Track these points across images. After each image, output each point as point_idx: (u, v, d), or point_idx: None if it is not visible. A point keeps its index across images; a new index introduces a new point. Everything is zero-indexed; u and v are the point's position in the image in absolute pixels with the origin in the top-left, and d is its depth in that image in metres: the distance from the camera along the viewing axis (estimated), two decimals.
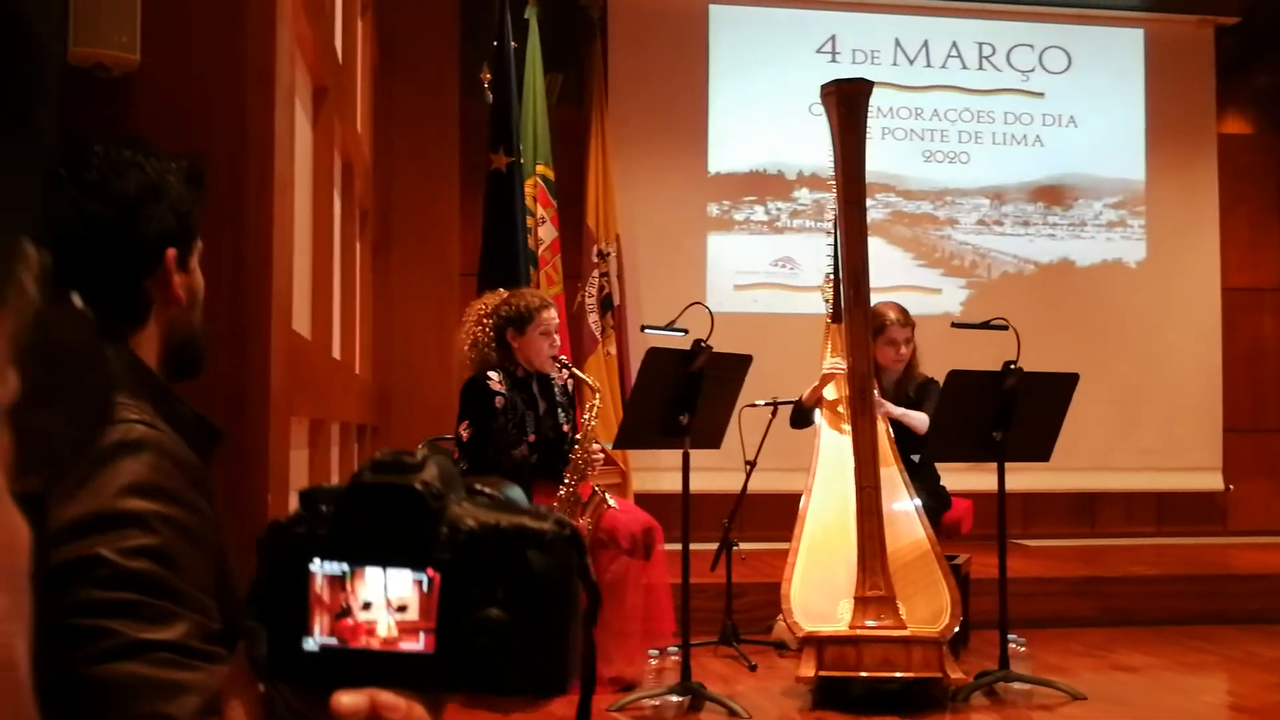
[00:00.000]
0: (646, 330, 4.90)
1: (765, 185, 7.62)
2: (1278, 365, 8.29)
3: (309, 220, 3.17)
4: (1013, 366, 4.30)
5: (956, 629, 4.17)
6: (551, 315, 4.30)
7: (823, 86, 4.33)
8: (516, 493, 0.64)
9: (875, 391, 4.42)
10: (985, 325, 4.46)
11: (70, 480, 1.01)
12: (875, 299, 6.73)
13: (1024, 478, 5.75)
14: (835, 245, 4.57)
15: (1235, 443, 8.06)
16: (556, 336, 4.34)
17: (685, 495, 4.24)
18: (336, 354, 3.88)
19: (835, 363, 4.65)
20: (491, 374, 4.16)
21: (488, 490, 0.62)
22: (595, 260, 7.11)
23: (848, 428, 4.34)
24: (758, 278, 7.59)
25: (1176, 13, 7.96)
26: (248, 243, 2.00)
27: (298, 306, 2.68)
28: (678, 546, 4.28)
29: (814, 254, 4.89)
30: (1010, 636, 4.54)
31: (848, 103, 4.28)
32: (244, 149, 2.08)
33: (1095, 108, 7.98)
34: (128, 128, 2.02)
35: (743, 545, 5.26)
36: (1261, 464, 8.17)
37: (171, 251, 1.21)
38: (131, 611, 0.99)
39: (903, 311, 4.88)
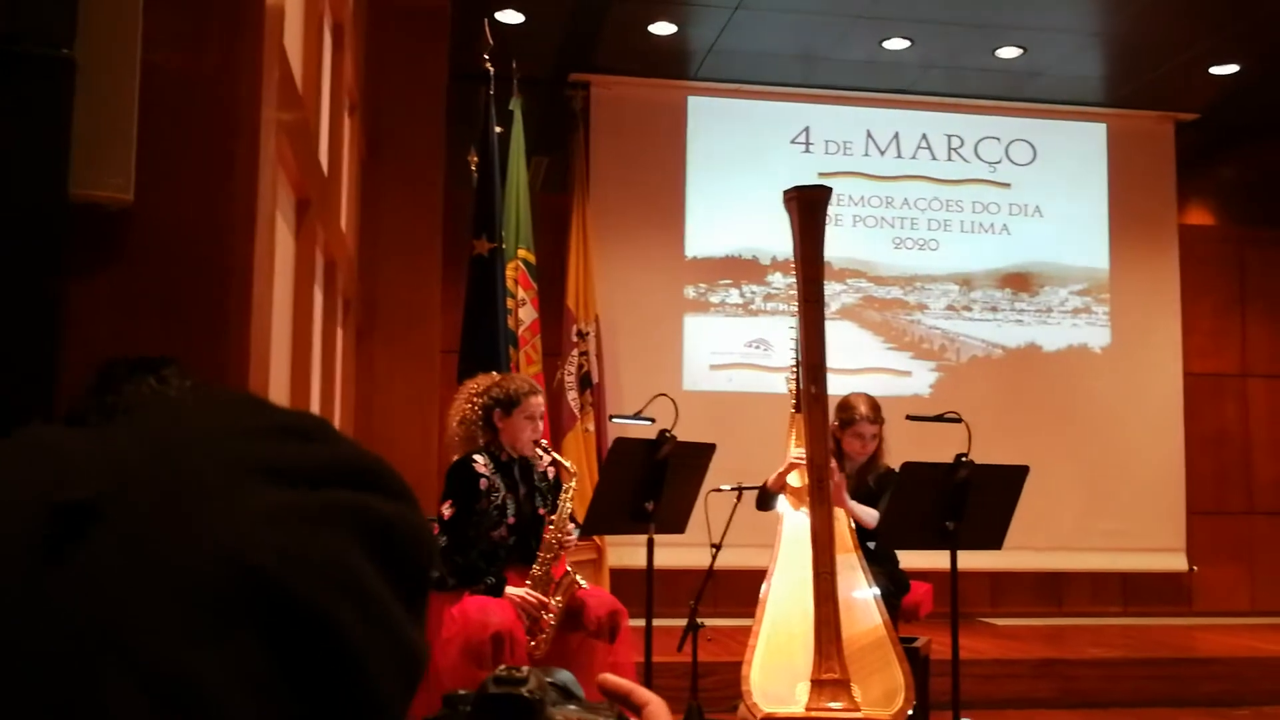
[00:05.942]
0: (615, 420, 5.12)
1: (740, 269, 7.85)
2: (1240, 449, 8.49)
3: (288, 325, 3.36)
4: (964, 459, 4.47)
5: (910, 711, 4.31)
6: (538, 401, 4.46)
7: (785, 192, 4.52)
8: (574, 685, 0.85)
9: (838, 479, 4.57)
10: (939, 418, 4.64)
11: None
12: (847, 381, 6.98)
13: (991, 557, 5.84)
14: (798, 338, 4.74)
15: (1199, 525, 8.22)
16: (540, 423, 4.51)
17: (649, 580, 4.41)
18: None
19: (800, 453, 4.82)
20: (478, 457, 4.31)
21: (574, 697, 0.85)
22: (575, 339, 7.31)
23: (807, 513, 4.50)
24: (732, 358, 7.80)
25: (1138, 109, 8.25)
26: (228, 370, 2.18)
27: None
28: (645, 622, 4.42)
29: (786, 335, 5.08)
30: None
31: (808, 208, 4.46)
32: (226, 276, 2.27)
33: (1060, 198, 8.25)
34: (121, 254, 2.23)
35: (710, 622, 5.38)
36: (1225, 546, 8.33)
37: None
38: None
39: (873, 407, 5.03)
